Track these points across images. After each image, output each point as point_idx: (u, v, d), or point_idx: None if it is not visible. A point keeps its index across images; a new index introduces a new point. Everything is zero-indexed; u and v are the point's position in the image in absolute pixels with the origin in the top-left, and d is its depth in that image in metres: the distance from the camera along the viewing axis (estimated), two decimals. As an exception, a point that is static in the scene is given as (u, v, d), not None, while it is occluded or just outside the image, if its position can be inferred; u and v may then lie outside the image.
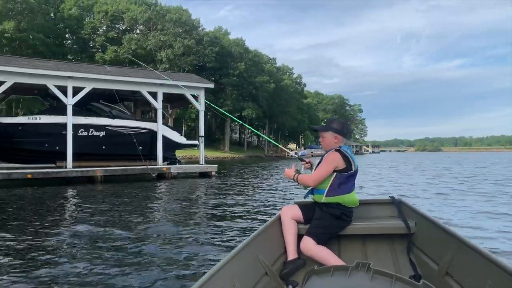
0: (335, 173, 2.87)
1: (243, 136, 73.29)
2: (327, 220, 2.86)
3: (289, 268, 2.72)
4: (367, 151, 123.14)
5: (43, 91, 15.75)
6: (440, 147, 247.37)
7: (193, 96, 17.14)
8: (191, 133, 50.75)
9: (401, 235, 2.92)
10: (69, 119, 14.50)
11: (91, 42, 52.10)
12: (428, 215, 2.84)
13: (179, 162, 18.31)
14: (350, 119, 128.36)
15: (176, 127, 20.78)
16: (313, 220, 2.92)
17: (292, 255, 2.81)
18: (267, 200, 9.29)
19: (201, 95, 17.26)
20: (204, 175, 16.73)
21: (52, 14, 48.96)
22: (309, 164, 3.21)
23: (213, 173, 16.79)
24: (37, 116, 15.10)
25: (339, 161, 2.86)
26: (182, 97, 17.77)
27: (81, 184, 13.41)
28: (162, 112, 16.90)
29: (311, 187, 3.00)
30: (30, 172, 13.09)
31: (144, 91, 16.01)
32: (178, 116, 53.88)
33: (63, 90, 14.46)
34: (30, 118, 14.88)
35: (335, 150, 2.92)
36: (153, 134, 16.47)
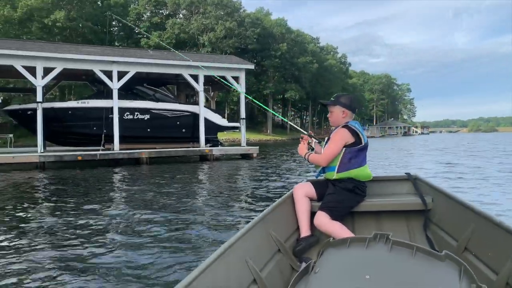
0: (344, 148, 2.85)
1: (286, 118, 72.91)
2: (341, 194, 2.84)
3: (302, 245, 2.71)
4: (416, 132, 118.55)
5: (91, 76, 16.30)
6: (495, 127, 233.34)
7: (234, 78, 17.09)
8: (234, 116, 51.01)
9: (417, 211, 2.86)
10: (115, 103, 14.95)
11: (136, 28, 53.37)
12: (445, 190, 2.76)
13: (221, 144, 18.46)
14: (398, 99, 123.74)
15: (219, 110, 20.90)
16: (326, 196, 2.89)
17: (305, 232, 2.81)
18: (304, 180, 9.10)
19: (241, 76, 17.16)
20: (245, 156, 16.76)
21: (99, 3, 50.49)
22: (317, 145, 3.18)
23: (255, 155, 16.77)
24: (86, 101, 15.74)
25: (348, 136, 2.85)
26: (224, 79, 17.74)
27: (127, 166, 13.85)
28: (205, 95, 17.05)
29: (320, 166, 2.97)
30: (80, 154, 13.68)
31: (186, 74, 16.14)
32: (220, 99, 54.43)
33: (109, 75, 14.89)
34: (79, 103, 15.53)
35: (343, 126, 2.90)
36: (195, 116, 16.66)
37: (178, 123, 16.58)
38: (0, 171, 12.75)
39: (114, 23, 53.66)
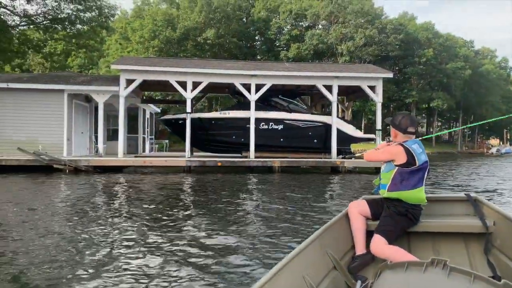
0: (396, 168, 2.85)
1: (431, 129, 66.97)
2: (394, 217, 2.82)
3: (357, 262, 2.74)
4: None
5: (232, 89, 17.60)
6: None
7: (370, 87, 16.46)
8: (372, 127, 49.05)
9: (477, 234, 2.77)
10: (252, 114, 15.82)
11: (276, 41, 55.84)
12: (508, 214, 2.67)
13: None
14: None
15: (355, 121, 20.35)
16: (381, 218, 2.89)
17: (360, 250, 2.82)
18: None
19: (378, 86, 16.40)
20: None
21: (244, 19, 54.45)
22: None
23: (390, 168, 15.77)
24: (226, 112, 17.06)
25: (399, 154, 2.84)
26: (359, 89, 17.28)
27: (261, 173, 14.49)
28: (339, 105, 16.82)
29: (376, 180, 3.07)
30: (220, 160, 14.84)
31: (320, 84, 16.17)
32: (357, 109, 53.00)
33: (248, 87, 15.86)
34: (221, 114, 16.91)
35: (399, 144, 2.91)
36: (327, 127, 16.54)
37: (310, 133, 16.69)
38: (156, 172, 14.73)
39: (257, 37, 57.19)
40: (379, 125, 16.81)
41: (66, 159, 13.96)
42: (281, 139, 16.58)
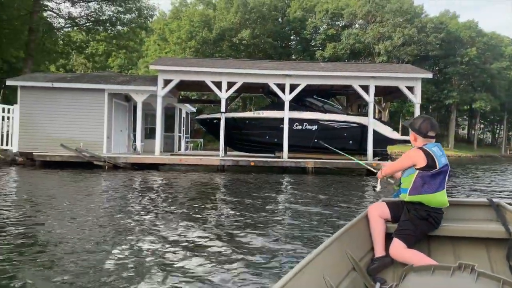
0: (417, 171, 2.83)
1: (472, 132, 64.31)
2: (414, 221, 2.81)
3: (376, 264, 2.74)
4: None
5: (266, 89, 17.61)
6: None
7: (408, 88, 16.01)
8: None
9: (499, 240, 2.74)
10: (286, 114, 15.77)
11: (312, 41, 55.37)
12: None
13: (391, 159, 17.46)
14: None
15: (393, 122, 19.85)
16: (400, 222, 2.88)
17: (379, 252, 2.82)
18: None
19: (417, 86, 15.92)
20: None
21: (279, 19, 54.35)
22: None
23: (428, 172, 15.28)
24: (260, 112, 17.08)
25: (419, 158, 2.82)
26: (396, 90, 16.86)
27: (294, 174, 14.43)
28: (376, 106, 16.47)
29: (398, 186, 3.04)
30: (253, 160, 14.91)
31: (356, 84, 15.90)
32: (395, 110, 51.70)
33: (282, 87, 15.82)
34: (254, 114, 16.96)
35: (418, 148, 2.89)
36: (363, 128, 16.23)
37: (345, 134, 16.43)
38: (191, 170, 15.00)
39: (292, 37, 56.95)
40: (417, 127, 16.31)
41: (106, 156, 14.47)
42: (315, 140, 16.42)
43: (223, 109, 15.78)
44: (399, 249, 2.72)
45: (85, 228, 4.86)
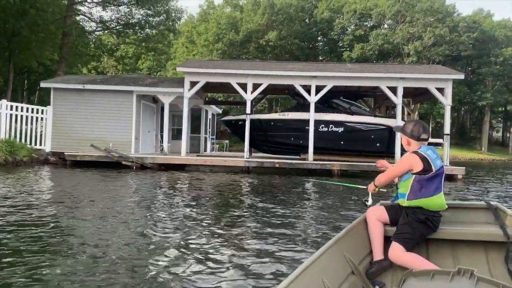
0: (413, 176, 2.85)
1: (507, 134, 61.88)
2: (413, 224, 2.82)
3: (375, 268, 2.76)
4: None
5: (292, 90, 17.54)
6: None
7: (439, 89, 15.57)
8: (440, 130, 46.47)
9: (498, 243, 2.75)
10: (312, 115, 15.63)
11: (339, 42, 54.82)
12: None
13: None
14: None
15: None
16: (399, 225, 2.90)
17: (378, 255, 2.84)
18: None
19: (448, 87, 15.46)
20: (448, 178, 14.98)
21: (306, 20, 54.08)
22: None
23: (459, 176, 14.79)
24: (286, 113, 17.02)
25: (415, 162, 2.84)
26: (426, 91, 16.43)
27: (320, 176, 14.27)
28: (403, 107, 16.10)
29: (396, 191, 3.05)
30: (278, 162, 14.85)
31: (384, 86, 15.60)
32: (425, 112, 50.41)
33: (308, 89, 15.71)
34: (279, 115, 16.90)
35: (413, 152, 2.90)
36: (391, 130, 15.89)
37: (372, 136, 16.15)
38: (215, 171, 15.10)
39: (319, 38, 56.55)
40: (447, 129, 15.86)
41: (134, 157, 14.77)
42: (341, 142, 16.21)
43: (248, 110, 15.82)
44: (398, 253, 2.74)
45: (119, 224, 4.97)
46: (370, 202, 3.28)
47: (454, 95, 44.45)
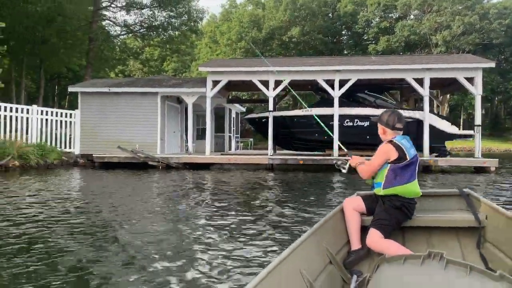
0: (389, 165, 2.92)
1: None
2: (389, 211, 2.88)
3: (352, 257, 2.81)
4: None
5: (315, 85, 17.33)
6: None
7: (468, 79, 15.00)
8: (472, 122, 44.93)
9: (470, 228, 2.85)
10: (336, 110, 15.40)
11: (364, 35, 53.82)
12: (500, 209, 2.72)
13: (450, 154, 16.49)
14: None
15: (453, 116, 18.72)
16: (376, 212, 2.94)
17: (355, 245, 2.90)
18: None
19: (477, 77, 14.86)
20: (480, 170, 14.42)
21: (330, 15, 53.37)
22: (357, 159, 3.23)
23: (492, 168, 14.21)
24: (309, 109, 16.81)
25: (391, 152, 2.91)
26: (454, 81, 15.87)
27: (347, 173, 14.01)
28: (432, 99, 15.61)
29: (369, 180, 3.09)
30: (302, 158, 14.72)
31: (410, 77, 15.17)
32: (455, 103, 48.84)
33: (331, 83, 15.47)
34: (303, 111, 16.72)
35: (388, 141, 2.98)
36: (419, 123, 15.45)
37: (399, 130, 15.75)
38: (240, 169, 15.12)
39: (343, 32, 55.71)
40: (478, 120, 15.26)
41: (159, 157, 14.98)
42: (367, 137, 15.87)
43: (271, 107, 15.73)
44: (375, 239, 2.78)
45: (147, 220, 5.02)
46: (345, 171, 3.35)
47: (486, 84, 42.83)
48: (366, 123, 15.89)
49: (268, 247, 4.03)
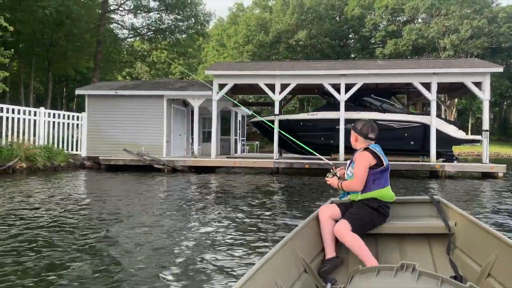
0: (368, 170, 3.02)
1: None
2: (364, 209, 2.95)
3: (327, 266, 2.82)
4: None
5: (321, 89, 17.28)
6: None
7: (476, 84, 14.87)
8: (481, 127, 44.49)
9: (440, 235, 2.90)
10: (342, 114, 15.33)
11: (371, 38, 53.64)
12: (468, 215, 2.78)
13: (457, 160, 16.33)
14: None
15: (461, 120, 18.56)
16: (350, 210, 3.00)
17: (330, 253, 2.91)
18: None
19: (485, 81, 14.73)
20: (487, 176, 14.27)
21: (337, 18, 53.29)
22: (342, 169, 3.32)
23: (500, 174, 14.06)
24: (315, 113, 16.77)
25: (371, 158, 3.03)
26: (462, 86, 15.75)
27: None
28: (439, 104, 15.48)
29: (357, 191, 3.06)
30: (307, 163, 14.66)
31: (416, 82, 15.07)
32: (463, 108, 48.46)
33: (337, 87, 15.42)
34: (309, 115, 16.68)
35: (364, 149, 3.08)
36: (426, 128, 15.34)
37: (406, 134, 15.63)
38: (245, 173, 15.10)
39: (350, 36, 55.59)
40: (486, 125, 15.12)
41: (165, 160, 15.01)
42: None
43: (276, 111, 15.70)
44: (342, 229, 2.83)
45: (151, 221, 5.03)
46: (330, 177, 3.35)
47: (495, 89, 42.52)
48: (372, 128, 15.79)
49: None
